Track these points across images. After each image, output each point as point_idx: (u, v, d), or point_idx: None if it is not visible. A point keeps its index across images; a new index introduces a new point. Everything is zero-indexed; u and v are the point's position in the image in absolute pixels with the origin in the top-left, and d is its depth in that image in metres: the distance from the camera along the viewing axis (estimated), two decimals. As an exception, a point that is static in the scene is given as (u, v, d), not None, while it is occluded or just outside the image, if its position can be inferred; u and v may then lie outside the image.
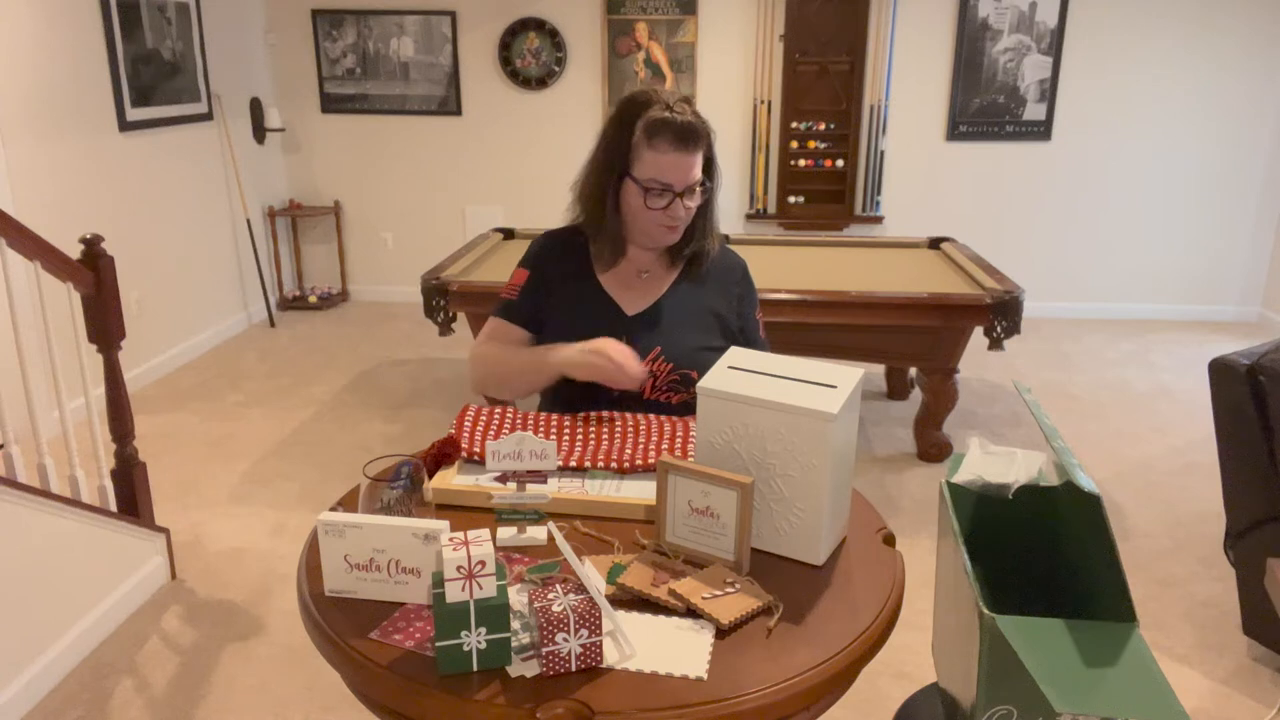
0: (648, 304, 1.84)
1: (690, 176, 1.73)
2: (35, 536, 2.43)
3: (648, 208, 1.74)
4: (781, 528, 1.31)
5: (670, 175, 1.72)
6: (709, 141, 1.76)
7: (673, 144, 1.70)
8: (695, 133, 1.71)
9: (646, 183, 1.73)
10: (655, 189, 1.73)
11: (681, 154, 1.71)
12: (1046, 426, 1.19)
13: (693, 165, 1.73)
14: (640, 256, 1.87)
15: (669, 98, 1.73)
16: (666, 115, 1.70)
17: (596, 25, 5.71)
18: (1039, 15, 5.47)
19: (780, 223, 5.83)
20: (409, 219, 6.19)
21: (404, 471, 1.27)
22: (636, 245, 1.85)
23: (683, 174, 1.72)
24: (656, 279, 1.87)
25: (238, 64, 5.60)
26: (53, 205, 4.09)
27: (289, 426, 4.21)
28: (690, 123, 1.71)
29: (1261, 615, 2.55)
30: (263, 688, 2.49)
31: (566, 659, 1.05)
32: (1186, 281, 5.88)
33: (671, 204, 1.74)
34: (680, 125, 1.70)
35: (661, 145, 1.70)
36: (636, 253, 1.86)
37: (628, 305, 1.84)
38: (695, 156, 1.72)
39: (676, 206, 1.74)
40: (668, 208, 1.74)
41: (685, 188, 1.73)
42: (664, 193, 1.73)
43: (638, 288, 1.86)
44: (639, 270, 1.87)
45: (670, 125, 1.70)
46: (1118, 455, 3.96)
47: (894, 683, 2.51)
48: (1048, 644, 0.99)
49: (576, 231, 1.89)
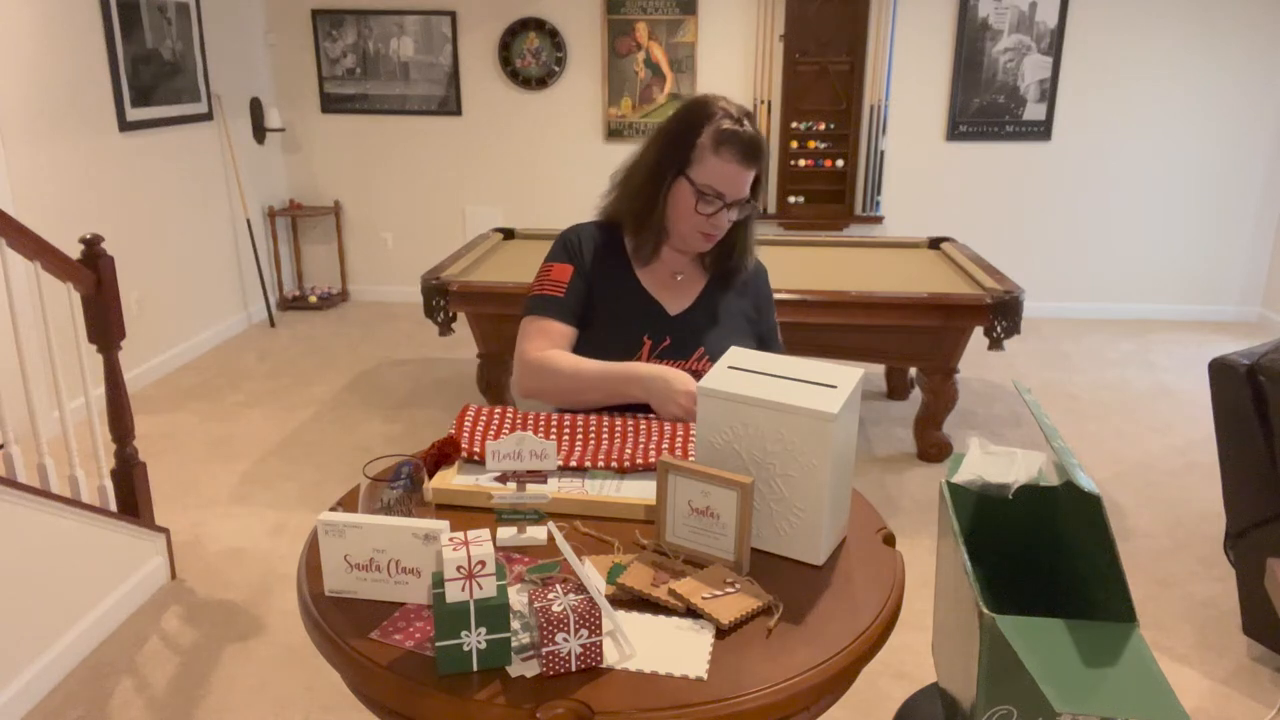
0: (686, 305, 1.87)
1: (743, 190, 1.77)
2: (35, 536, 2.43)
3: (696, 211, 1.77)
4: (781, 528, 1.31)
5: (726, 186, 1.75)
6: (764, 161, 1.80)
7: (738, 157, 1.73)
8: (760, 150, 1.75)
9: (702, 187, 1.75)
10: (709, 195, 1.76)
11: (743, 168, 1.74)
12: (1046, 426, 1.19)
13: (748, 179, 1.76)
14: (675, 259, 1.88)
15: (737, 110, 1.76)
16: (738, 129, 1.74)
17: (596, 25, 5.71)
18: (1039, 15, 5.47)
19: (780, 223, 5.83)
20: (409, 219, 6.19)
21: (404, 471, 1.27)
22: (671, 246, 1.87)
23: (738, 187, 1.76)
24: (691, 282, 1.90)
25: (238, 64, 5.60)
26: (53, 205, 4.09)
27: (289, 426, 4.21)
28: (758, 139, 1.75)
29: (1261, 615, 2.55)
30: (263, 688, 2.49)
31: (566, 659, 1.05)
32: (1186, 281, 5.88)
33: (717, 213, 1.77)
34: (748, 140, 1.74)
35: (727, 155, 1.73)
36: (671, 254, 1.88)
37: (670, 305, 1.86)
38: (752, 173, 1.76)
39: (722, 216, 1.77)
40: (713, 215, 1.77)
41: (735, 200, 1.77)
42: (715, 200, 1.76)
43: (674, 289, 1.88)
44: (674, 272, 1.89)
45: (739, 138, 1.73)
46: (1118, 455, 3.96)
47: (894, 683, 2.51)
48: (1048, 644, 0.99)
49: (607, 228, 1.90)
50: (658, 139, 1.82)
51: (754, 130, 1.76)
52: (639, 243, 1.85)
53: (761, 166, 1.79)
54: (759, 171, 1.79)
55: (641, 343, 1.80)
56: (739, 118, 1.75)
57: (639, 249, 1.85)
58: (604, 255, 1.87)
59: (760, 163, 1.77)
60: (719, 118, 1.74)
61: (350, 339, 5.51)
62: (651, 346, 1.80)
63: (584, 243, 1.88)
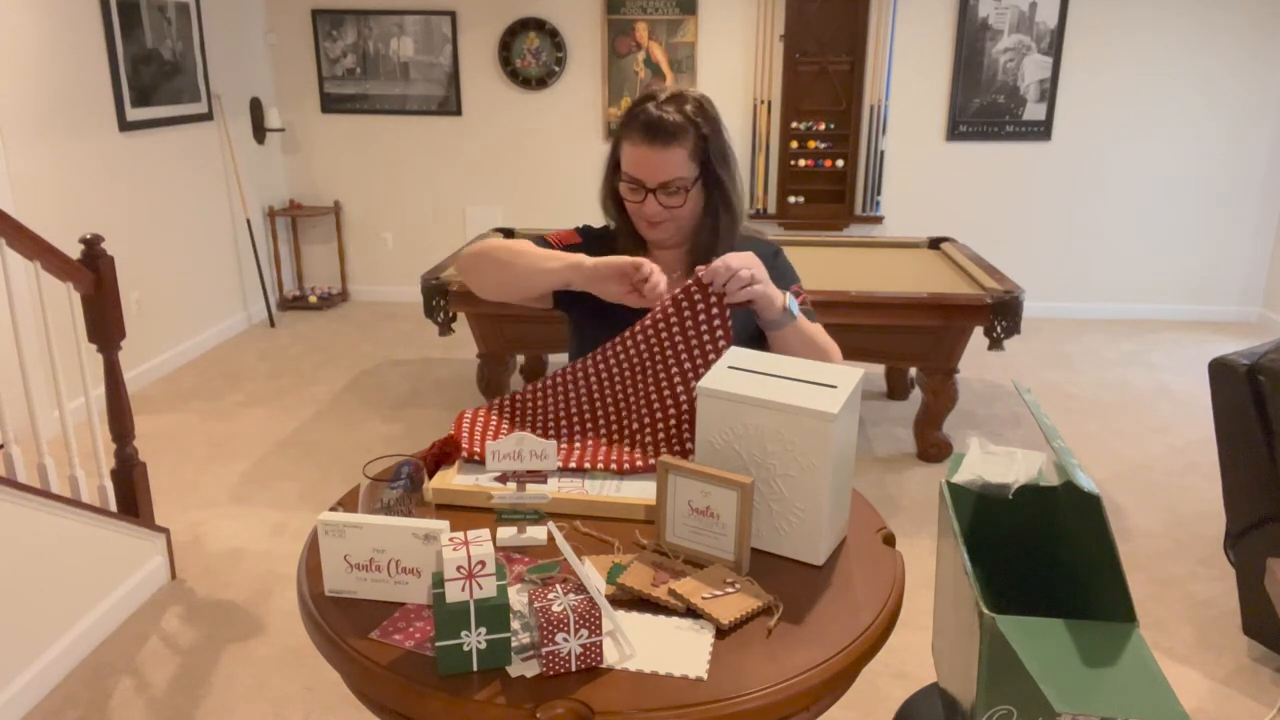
0: None
1: (662, 173, 1.69)
2: (35, 536, 2.43)
3: (626, 198, 1.75)
4: (781, 528, 1.31)
5: (638, 169, 1.70)
6: (699, 141, 1.71)
7: (641, 138, 1.68)
8: (665, 128, 1.66)
9: (623, 175, 1.73)
10: (628, 182, 1.72)
11: (649, 149, 1.68)
12: (1046, 426, 1.19)
13: (663, 161, 1.68)
14: (665, 259, 1.87)
15: (663, 95, 1.71)
16: (642, 108, 1.69)
17: (596, 25, 5.71)
18: (1039, 15, 5.47)
19: (780, 223, 5.83)
20: (409, 219, 6.19)
21: (404, 471, 1.27)
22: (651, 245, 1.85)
23: (651, 169, 1.69)
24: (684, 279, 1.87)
25: (238, 64, 5.60)
26: (53, 205, 4.09)
27: (289, 426, 4.21)
28: (661, 117, 1.67)
29: (1261, 615, 2.55)
30: (262, 688, 2.49)
31: (566, 659, 1.05)
32: (1186, 281, 5.88)
33: (645, 199, 1.72)
34: (648, 119, 1.67)
35: (634, 137, 1.69)
36: (665, 254, 1.87)
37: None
38: (668, 152, 1.68)
39: (650, 202, 1.71)
40: (643, 202, 1.72)
41: (657, 184, 1.70)
42: (637, 187, 1.71)
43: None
44: (669, 271, 1.87)
45: (639, 118, 1.68)
46: (1118, 455, 3.96)
47: (894, 683, 2.51)
48: (1048, 644, 0.99)
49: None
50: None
51: (663, 111, 1.67)
52: (626, 242, 1.84)
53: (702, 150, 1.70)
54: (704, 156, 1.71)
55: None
56: (658, 101, 1.69)
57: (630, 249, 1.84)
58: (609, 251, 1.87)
59: (675, 142, 1.67)
60: (636, 107, 1.71)
61: (350, 339, 5.51)
62: None
63: (596, 234, 1.90)
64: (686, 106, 1.71)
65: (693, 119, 1.70)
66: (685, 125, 1.69)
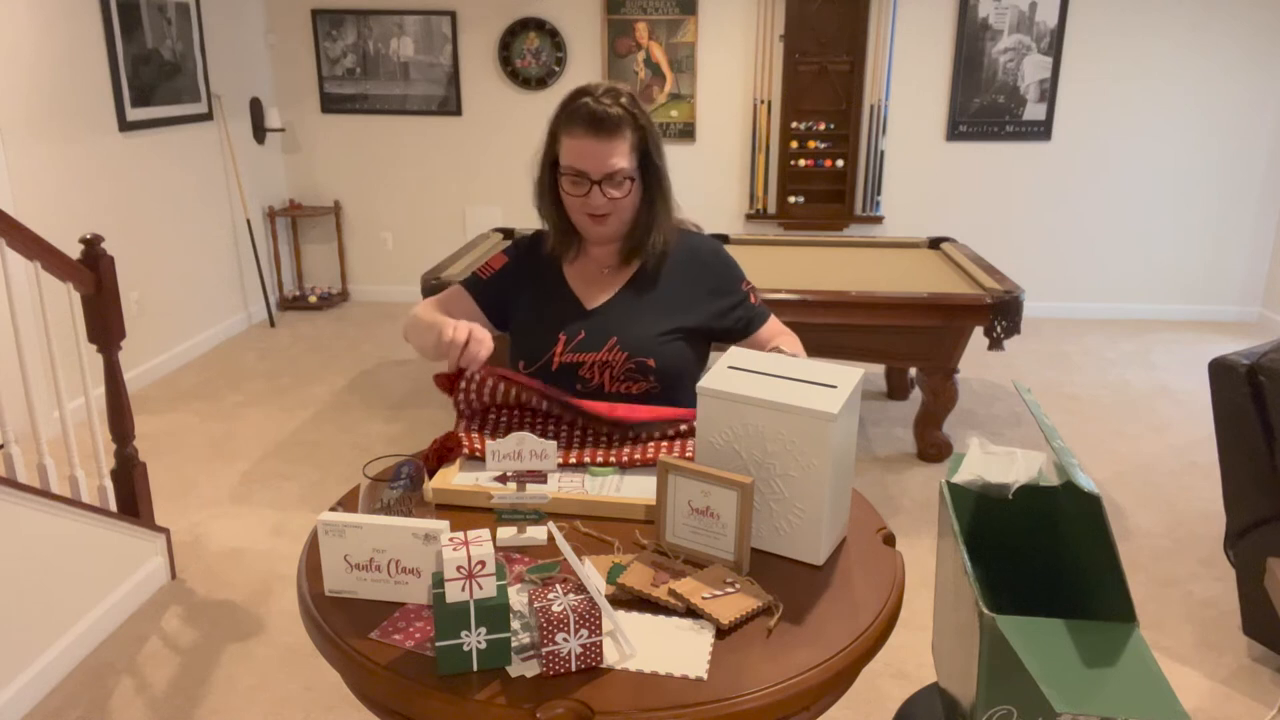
0: (606, 298, 1.84)
1: (606, 164, 1.71)
2: (35, 536, 2.43)
3: (570, 194, 1.75)
4: (781, 528, 1.31)
5: (583, 162, 1.71)
6: (638, 133, 1.74)
7: (584, 130, 1.70)
8: (607, 120, 1.69)
9: (564, 169, 1.74)
10: (570, 175, 1.73)
11: (593, 140, 1.70)
12: (1046, 426, 1.19)
13: (607, 153, 1.70)
14: (602, 253, 1.87)
15: (598, 89, 1.73)
16: (581, 102, 1.71)
17: (596, 25, 5.71)
18: (1039, 15, 5.47)
19: (780, 223, 5.83)
20: (409, 219, 6.19)
21: (404, 471, 1.27)
22: (587, 240, 1.86)
23: (596, 161, 1.71)
24: (618, 273, 1.87)
25: (238, 64, 5.60)
26: (53, 205, 4.09)
27: (289, 426, 4.21)
28: (603, 110, 1.70)
29: (1261, 615, 2.55)
30: (262, 688, 2.49)
31: (566, 659, 1.05)
32: (1186, 281, 5.88)
33: (590, 192, 1.73)
34: (591, 111, 1.69)
35: (576, 131, 1.71)
36: (599, 250, 1.87)
37: (588, 300, 1.84)
38: (610, 144, 1.70)
39: (595, 194, 1.73)
40: (586, 195, 1.73)
41: (602, 175, 1.71)
42: (580, 180, 1.73)
43: (599, 283, 1.86)
44: (602, 267, 1.87)
45: (581, 111, 1.70)
46: (1118, 455, 3.96)
47: (894, 683, 2.51)
48: (1048, 644, 0.99)
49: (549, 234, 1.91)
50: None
51: (607, 105, 1.70)
52: (558, 241, 1.85)
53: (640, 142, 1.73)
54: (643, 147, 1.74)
55: (557, 339, 1.79)
56: (596, 95, 1.71)
57: (561, 249, 1.85)
58: (540, 258, 1.89)
59: (618, 133, 1.70)
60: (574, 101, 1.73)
61: (350, 339, 5.51)
62: (566, 340, 1.78)
63: (528, 244, 1.92)
64: (622, 99, 1.74)
65: (630, 111, 1.74)
66: (625, 117, 1.72)
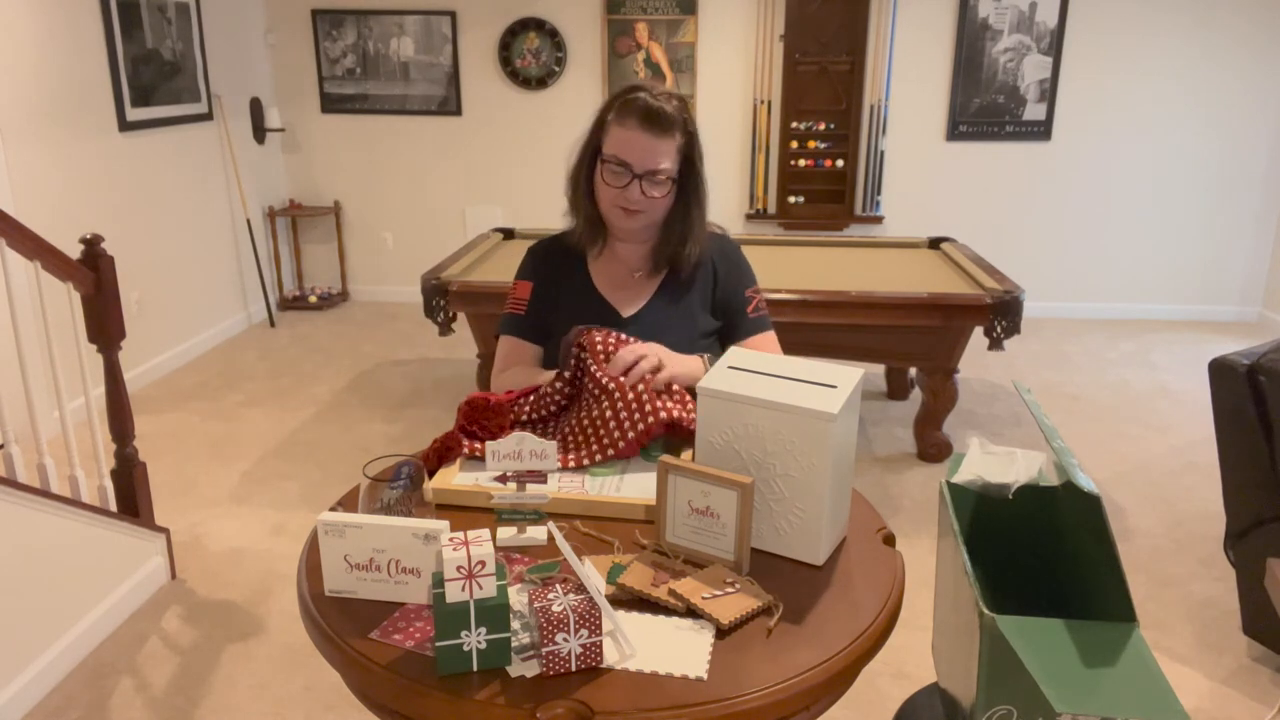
0: (640, 305, 1.85)
1: (652, 160, 1.72)
2: (35, 536, 2.43)
3: (607, 184, 1.75)
4: (781, 528, 1.31)
5: (630, 153, 1.72)
6: (686, 138, 1.75)
7: (638, 123, 1.71)
8: (664, 117, 1.71)
9: (608, 156, 1.74)
10: (614, 164, 1.73)
11: (645, 134, 1.71)
12: (1046, 426, 1.19)
13: (656, 149, 1.72)
14: (628, 254, 1.87)
15: (655, 88, 1.75)
16: (639, 95, 1.72)
17: (596, 25, 5.71)
18: (1039, 15, 5.47)
19: (780, 223, 5.83)
20: (409, 219, 6.19)
21: (404, 471, 1.27)
22: (614, 236, 1.85)
23: (642, 154, 1.71)
24: (646, 280, 1.87)
25: (238, 64, 5.60)
26: (53, 205, 4.09)
27: (289, 426, 4.21)
28: (660, 107, 1.71)
29: (1261, 615, 2.55)
30: (263, 688, 2.49)
31: (566, 659, 1.05)
32: (1186, 281, 5.88)
33: (629, 185, 1.73)
34: (648, 105, 1.71)
35: (628, 122, 1.72)
36: (624, 249, 1.87)
37: (623, 307, 1.85)
38: (661, 142, 1.72)
39: (634, 188, 1.73)
40: (625, 187, 1.73)
41: (645, 171, 1.72)
42: (622, 171, 1.73)
43: (630, 288, 1.86)
44: (631, 270, 1.87)
45: (638, 104, 1.71)
46: (1118, 455, 3.96)
47: (894, 683, 2.51)
48: (1048, 644, 0.99)
49: (566, 235, 1.91)
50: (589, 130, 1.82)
51: (663, 103, 1.72)
52: (585, 233, 1.84)
53: (686, 145, 1.75)
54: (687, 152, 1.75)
55: None
56: (653, 92, 1.73)
57: (587, 240, 1.85)
58: (560, 264, 1.89)
59: (670, 132, 1.72)
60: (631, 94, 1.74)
61: (350, 339, 5.51)
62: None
63: (542, 256, 1.91)
64: (674, 102, 1.75)
65: (683, 116, 1.75)
66: (678, 120, 1.74)
